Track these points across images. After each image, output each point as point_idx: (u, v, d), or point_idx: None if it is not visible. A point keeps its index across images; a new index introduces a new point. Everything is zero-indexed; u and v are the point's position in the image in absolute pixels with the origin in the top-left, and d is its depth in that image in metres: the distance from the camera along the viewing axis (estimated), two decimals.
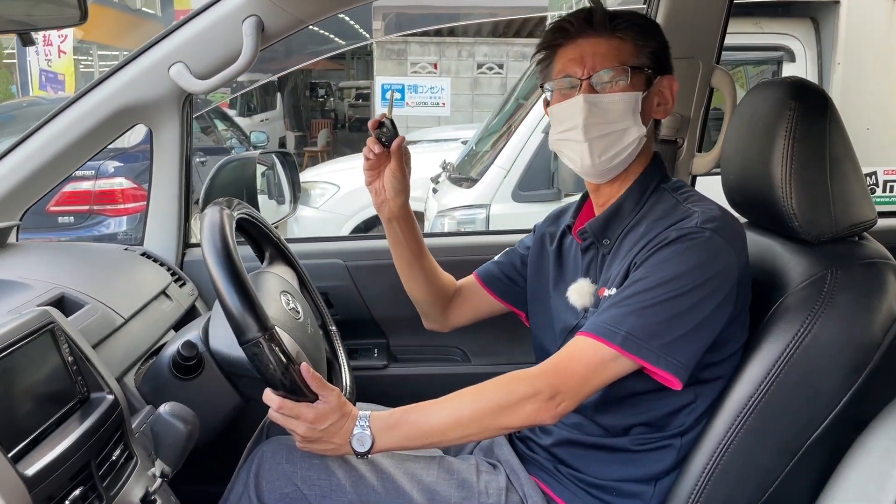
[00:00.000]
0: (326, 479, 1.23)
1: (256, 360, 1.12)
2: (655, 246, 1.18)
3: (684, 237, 1.16)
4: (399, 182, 1.43)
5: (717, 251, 1.16)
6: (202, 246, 1.15)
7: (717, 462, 1.19)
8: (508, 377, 1.19)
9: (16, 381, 0.95)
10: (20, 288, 1.23)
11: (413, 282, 1.55)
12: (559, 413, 1.16)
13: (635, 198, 1.29)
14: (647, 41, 1.27)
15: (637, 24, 1.27)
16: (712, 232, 1.16)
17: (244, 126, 9.56)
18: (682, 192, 1.28)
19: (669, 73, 1.31)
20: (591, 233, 1.32)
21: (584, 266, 1.34)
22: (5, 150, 1.58)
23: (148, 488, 1.08)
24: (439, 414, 1.18)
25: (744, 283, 1.21)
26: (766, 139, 1.23)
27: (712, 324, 1.16)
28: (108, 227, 5.10)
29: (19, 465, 0.87)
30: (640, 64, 1.26)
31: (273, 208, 2.37)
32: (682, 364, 1.14)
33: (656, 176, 1.31)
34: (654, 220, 1.23)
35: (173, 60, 1.57)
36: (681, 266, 1.14)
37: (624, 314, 1.15)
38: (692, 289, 1.14)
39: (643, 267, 1.18)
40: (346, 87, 19.81)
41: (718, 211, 1.21)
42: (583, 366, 1.15)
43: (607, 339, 1.14)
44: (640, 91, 1.25)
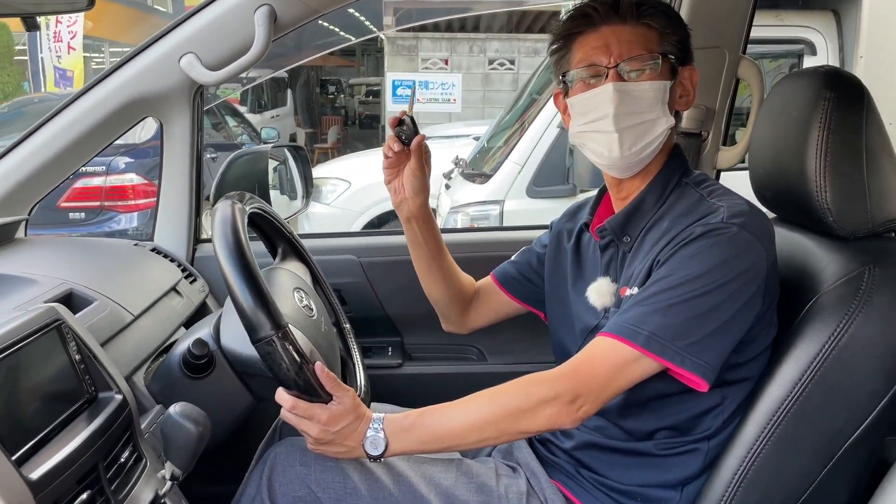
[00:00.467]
0: (341, 482, 1.19)
1: (269, 358, 1.09)
2: (680, 242, 1.13)
3: (710, 233, 1.11)
4: (419, 181, 1.39)
5: (745, 247, 1.11)
6: (214, 241, 1.12)
7: (748, 467, 1.14)
8: (527, 380, 1.15)
9: (21, 381, 0.92)
10: (26, 283, 1.20)
11: (432, 283, 1.52)
12: (580, 417, 1.12)
13: (657, 193, 1.24)
14: (674, 29, 1.22)
15: (663, 11, 1.23)
16: (739, 227, 1.11)
17: (255, 122, 9.58)
18: (706, 186, 1.23)
19: (691, 64, 1.26)
20: (610, 230, 1.27)
21: (604, 264, 1.30)
22: (13, 144, 1.55)
23: (157, 491, 1.05)
24: (456, 417, 1.15)
25: (772, 280, 1.16)
26: (799, 131, 1.19)
27: (739, 323, 1.11)
28: (119, 223, 5.10)
29: (24, 468, 0.84)
30: (667, 52, 1.21)
31: (285, 203, 2.33)
32: (708, 364, 1.09)
33: (678, 170, 1.26)
34: (677, 216, 1.18)
35: (184, 51, 1.53)
36: (707, 263, 1.10)
37: (647, 313, 1.10)
38: (719, 286, 1.09)
39: (667, 264, 1.13)
40: (356, 83, 19.83)
41: (746, 205, 1.16)
42: (604, 367, 1.11)
43: (629, 340, 1.10)
44: (668, 80, 1.20)
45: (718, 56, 1.75)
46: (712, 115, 1.78)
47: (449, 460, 1.28)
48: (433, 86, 11.14)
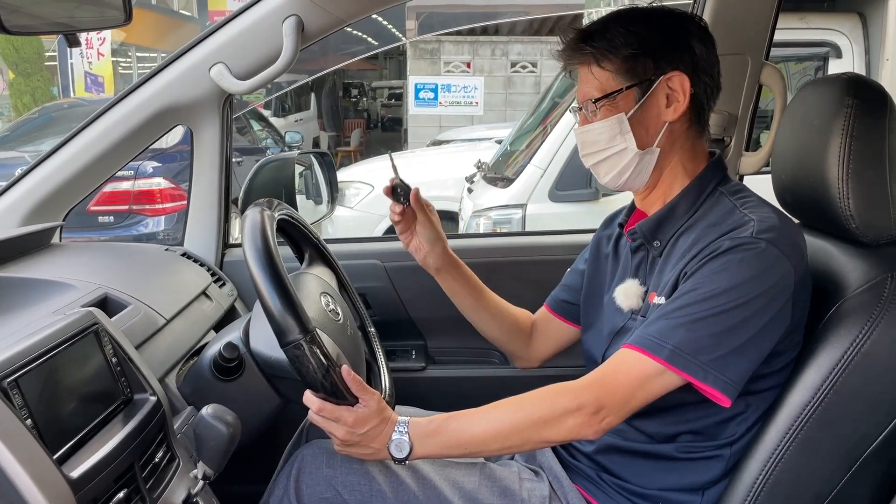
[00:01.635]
0: (367, 485, 1.21)
1: (297, 362, 1.12)
2: (708, 256, 1.12)
3: (738, 247, 1.10)
4: (431, 231, 1.46)
5: (773, 263, 1.10)
6: (243, 247, 1.15)
7: (769, 472, 1.15)
8: (551, 389, 1.16)
9: (61, 382, 0.95)
10: (64, 288, 1.24)
11: (483, 323, 1.55)
12: (603, 428, 1.12)
13: (690, 200, 1.23)
14: (629, 48, 1.18)
15: (613, 35, 1.19)
16: (768, 243, 1.10)
17: (279, 126, 9.65)
18: (741, 196, 1.20)
19: (675, 69, 1.19)
20: (641, 234, 1.27)
21: (634, 267, 1.30)
22: (49, 151, 1.60)
23: (190, 490, 1.08)
24: (479, 424, 1.16)
25: (801, 294, 1.15)
26: (822, 137, 1.19)
27: (766, 339, 1.11)
28: (147, 226, 5.17)
29: (64, 466, 0.87)
30: (619, 85, 1.19)
31: (311, 208, 2.37)
32: (731, 381, 1.09)
33: (715, 178, 1.24)
34: (707, 226, 1.17)
35: (214, 61, 1.57)
36: (734, 278, 1.09)
37: (672, 327, 1.10)
38: (745, 302, 1.08)
39: (694, 277, 1.12)
40: (378, 87, 19.92)
41: (777, 219, 1.14)
42: (628, 379, 1.12)
43: (653, 353, 1.10)
44: (626, 110, 1.19)
45: (741, 62, 1.75)
46: (735, 121, 1.78)
47: (472, 464, 1.29)
48: (455, 89, 11.16)
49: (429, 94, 11.08)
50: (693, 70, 1.19)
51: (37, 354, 0.92)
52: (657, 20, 1.21)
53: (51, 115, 7.17)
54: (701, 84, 1.20)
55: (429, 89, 11.13)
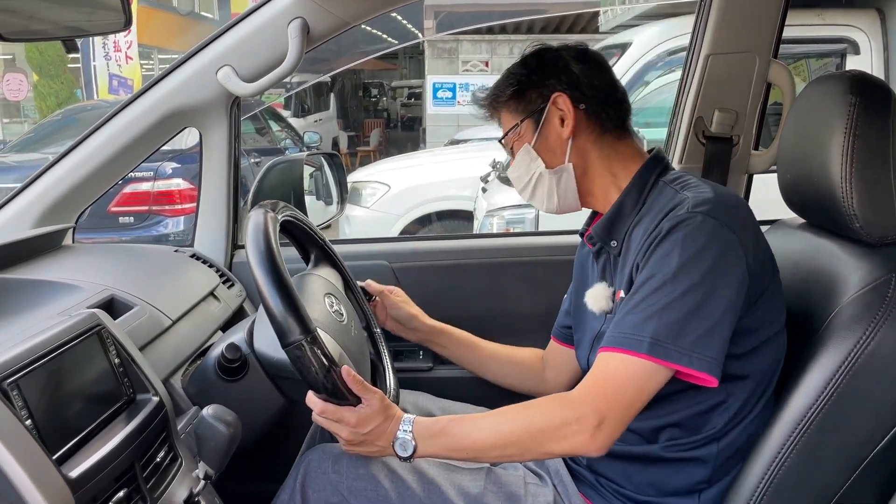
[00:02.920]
0: (373, 490, 1.22)
1: (298, 362, 1.13)
2: (653, 241, 1.16)
3: (677, 226, 1.14)
4: (399, 310, 1.61)
5: (713, 233, 1.12)
6: (246, 249, 1.16)
7: (773, 475, 1.13)
8: (552, 400, 1.17)
9: (62, 383, 0.97)
10: (71, 290, 1.26)
11: (491, 374, 1.62)
12: (605, 444, 1.11)
13: (635, 196, 1.27)
14: (511, 87, 1.32)
15: (498, 84, 1.35)
16: (704, 214, 1.13)
17: (298, 127, 9.70)
18: (680, 181, 1.24)
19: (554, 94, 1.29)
20: (597, 237, 1.31)
21: (600, 271, 1.33)
22: (60, 154, 1.62)
23: (192, 490, 1.08)
24: (480, 431, 1.17)
25: (759, 269, 1.16)
26: (825, 136, 1.18)
27: (731, 308, 1.12)
28: (167, 226, 5.23)
29: (64, 466, 0.88)
30: (515, 121, 1.33)
31: (321, 209, 2.38)
32: (713, 358, 1.10)
33: (655, 171, 1.28)
34: (654, 214, 1.20)
35: (221, 64, 1.58)
36: (682, 256, 1.12)
37: (643, 320, 1.12)
38: (701, 277, 1.10)
39: (647, 266, 1.15)
40: (397, 86, 19.96)
41: (712, 193, 1.17)
42: (622, 384, 1.11)
43: (633, 350, 1.11)
44: (529, 140, 1.32)
45: (748, 60, 1.73)
46: (743, 119, 1.77)
47: (478, 468, 1.30)
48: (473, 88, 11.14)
49: (447, 94, 11.09)
50: (575, 87, 1.28)
51: (38, 356, 0.93)
52: (534, 56, 1.33)
53: (74, 117, 7.26)
54: (585, 97, 1.28)
55: (447, 88, 11.14)
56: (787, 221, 1.46)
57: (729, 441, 1.20)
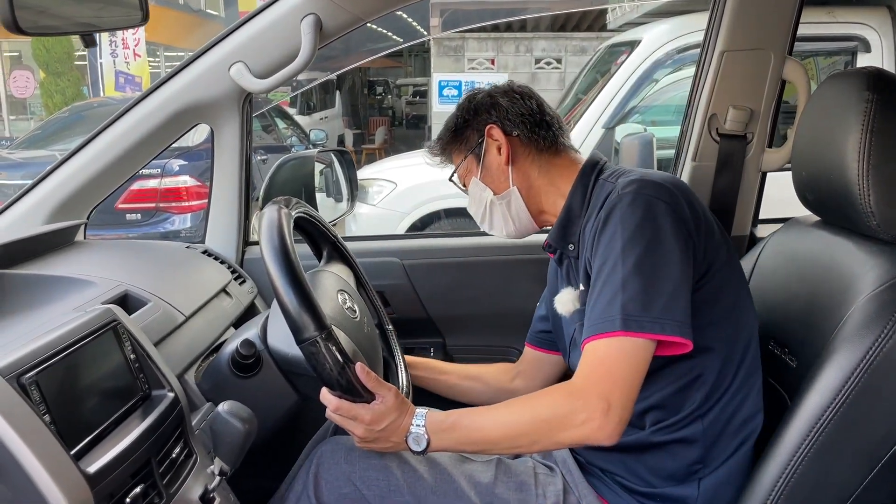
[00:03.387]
0: (385, 480, 1.23)
1: (313, 359, 1.12)
2: (596, 232, 1.22)
3: (612, 210, 1.19)
4: None
5: (646, 207, 1.17)
6: (261, 245, 1.16)
7: (790, 475, 1.13)
8: (554, 389, 1.18)
9: (79, 379, 0.97)
10: (85, 285, 1.26)
11: (459, 395, 1.61)
12: (616, 430, 1.11)
13: (579, 198, 1.33)
14: (448, 132, 1.45)
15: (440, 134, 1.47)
16: (633, 193, 1.19)
17: (304, 124, 9.70)
18: (614, 173, 1.30)
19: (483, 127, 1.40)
20: (555, 244, 1.37)
21: (564, 276, 1.38)
22: (72, 150, 1.62)
23: (207, 486, 1.09)
24: (489, 423, 1.18)
25: (701, 232, 1.20)
26: (841, 133, 1.17)
27: (684, 271, 1.16)
28: (174, 223, 5.24)
29: (81, 462, 0.88)
30: (459, 159, 1.44)
31: (331, 206, 2.38)
32: (682, 321, 1.13)
33: (592, 172, 1.34)
34: (596, 209, 1.26)
35: (233, 60, 1.58)
36: (624, 234, 1.16)
37: (607, 302, 1.15)
38: (647, 246, 1.15)
39: (597, 256, 1.20)
40: (403, 84, 19.96)
41: (638, 174, 1.24)
42: (613, 364, 1.13)
43: (609, 330, 1.13)
44: (475, 174, 1.42)
45: (763, 57, 1.72)
46: (757, 116, 1.76)
47: (489, 459, 1.31)
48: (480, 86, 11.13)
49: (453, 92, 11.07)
50: (504, 118, 1.38)
51: (55, 351, 0.93)
52: (466, 100, 1.45)
53: (81, 114, 7.28)
54: (515, 124, 1.38)
55: (453, 87, 11.11)
56: (801, 219, 1.45)
57: (712, 418, 1.22)
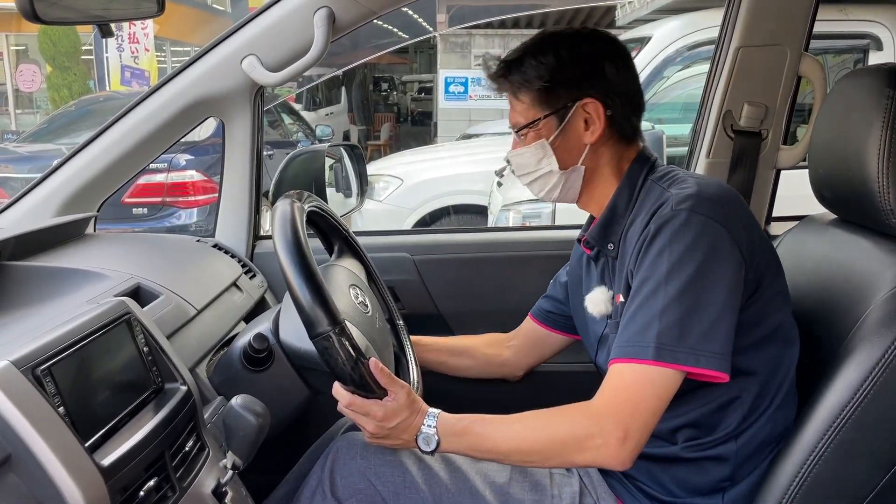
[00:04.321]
0: (400, 476, 1.22)
1: (326, 354, 1.12)
2: (643, 245, 1.16)
3: (664, 225, 1.13)
4: None
5: (700, 228, 1.12)
6: (274, 239, 1.15)
7: (806, 474, 1.12)
8: (575, 411, 1.16)
9: (93, 371, 0.96)
10: (98, 278, 1.25)
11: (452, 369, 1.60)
12: (629, 457, 1.11)
13: (626, 198, 1.26)
14: (541, 80, 1.24)
15: (527, 68, 1.25)
16: (688, 211, 1.12)
17: (310, 120, 9.71)
18: (667, 177, 1.24)
19: (590, 96, 1.24)
20: (593, 241, 1.31)
21: (598, 274, 1.33)
22: (83, 143, 1.61)
23: (219, 480, 1.08)
24: (502, 435, 1.17)
25: (753, 252, 1.15)
26: (861, 130, 1.16)
27: (730, 299, 1.11)
28: (180, 218, 5.24)
29: (95, 454, 0.88)
30: (537, 115, 1.26)
31: (340, 201, 2.38)
32: (719, 354, 1.09)
33: (643, 170, 1.27)
34: (645, 215, 1.20)
35: (245, 53, 1.57)
36: (672, 256, 1.11)
37: (643, 326, 1.11)
38: (694, 273, 1.10)
39: (640, 271, 1.15)
40: (408, 80, 19.94)
41: (695, 187, 1.16)
42: (638, 394, 1.10)
43: (640, 357, 1.10)
44: (547, 136, 1.26)
45: (779, 53, 1.71)
46: (772, 113, 1.74)
47: None
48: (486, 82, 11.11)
49: (459, 88, 11.07)
50: (606, 94, 1.24)
51: (69, 343, 0.93)
52: (569, 48, 1.25)
53: (87, 108, 7.29)
54: (615, 105, 1.25)
55: (459, 83, 11.12)
56: (817, 217, 1.44)
57: (747, 439, 1.19)
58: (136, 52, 11.35)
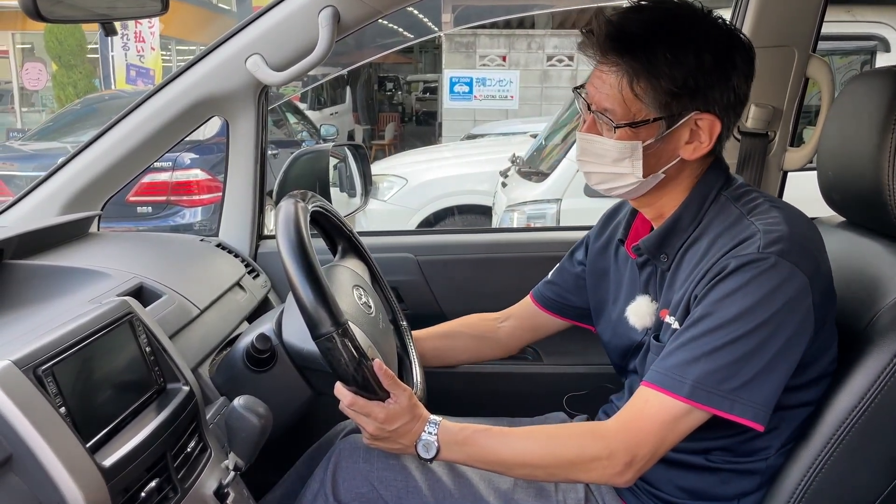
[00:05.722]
0: (403, 481, 1.21)
1: (329, 354, 1.11)
2: (715, 278, 1.06)
3: (745, 266, 1.03)
4: None
5: (785, 278, 1.03)
6: (277, 239, 1.15)
7: (810, 480, 1.11)
8: (584, 431, 1.15)
9: (95, 371, 0.96)
10: (100, 277, 1.25)
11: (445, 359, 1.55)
12: (634, 478, 1.10)
13: (693, 211, 1.16)
14: (673, 83, 1.07)
15: (658, 60, 1.06)
16: (777, 256, 1.03)
17: (314, 119, 9.71)
18: (746, 200, 1.13)
19: (711, 111, 1.09)
20: (645, 250, 1.21)
21: (643, 282, 1.25)
22: (87, 141, 1.61)
23: (221, 481, 1.08)
24: (507, 448, 1.15)
25: (824, 301, 1.09)
26: (871, 133, 1.15)
27: (790, 354, 1.05)
28: (184, 217, 5.25)
29: (97, 455, 0.87)
30: (646, 115, 1.09)
31: (345, 201, 2.37)
32: (759, 405, 1.04)
33: (716, 183, 1.16)
34: (714, 237, 1.11)
35: (250, 52, 1.57)
36: (744, 301, 1.03)
37: (689, 361, 1.05)
38: (759, 325, 1.03)
39: (704, 303, 1.07)
40: (413, 80, 19.91)
41: (785, 226, 1.06)
42: (655, 426, 1.08)
43: (675, 392, 1.06)
44: (644, 139, 1.10)
45: (787, 54, 1.70)
46: (779, 115, 1.73)
47: None
48: (490, 83, 11.10)
49: (464, 88, 11.05)
50: (726, 110, 1.11)
51: (72, 343, 0.92)
52: (713, 49, 1.08)
53: (93, 107, 7.30)
54: (730, 123, 1.13)
55: (464, 83, 11.10)
56: (825, 220, 1.43)
57: (779, 457, 1.16)
58: (141, 51, 11.37)
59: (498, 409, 1.52)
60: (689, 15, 1.10)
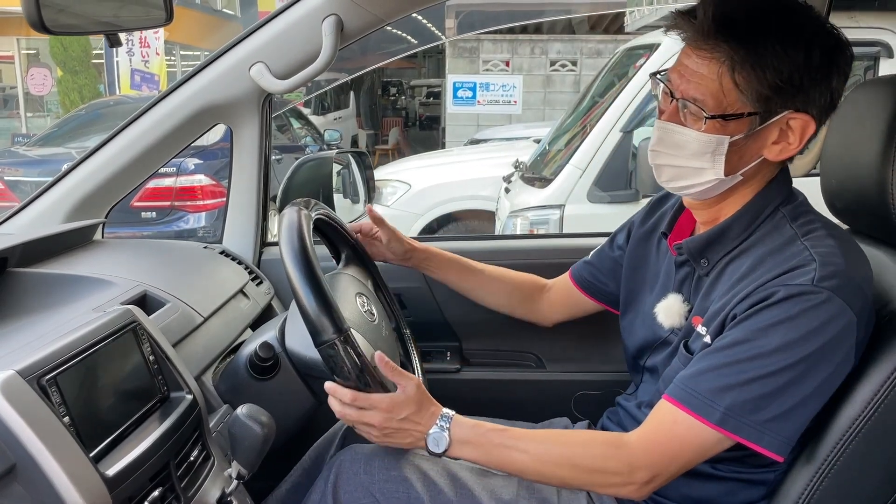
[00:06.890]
0: (404, 492, 1.20)
1: (331, 361, 1.11)
2: (760, 302, 1.02)
3: (795, 297, 0.99)
4: (387, 237, 1.54)
5: (835, 315, 0.99)
6: (280, 246, 1.15)
7: (816, 486, 1.10)
8: (605, 442, 1.13)
9: (98, 380, 0.96)
10: (104, 285, 1.25)
11: (485, 296, 1.60)
12: (649, 494, 1.10)
13: (745, 222, 1.12)
14: (778, 78, 1.01)
15: (767, 53, 1.01)
16: (830, 292, 0.99)
17: (318, 124, 9.73)
18: (803, 222, 1.09)
19: (806, 111, 1.05)
20: (687, 252, 1.19)
21: (678, 281, 1.23)
22: (92, 149, 1.62)
23: (224, 489, 1.08)
24: (522, 451, 1.13)
25: (864, 336, 1.06)
26: (876, 141, 1.15)
27: (824, 392, 1.03)
28: (188, 222, 5.26)
29: (100, 464, 0.88)
30: (740, 108, 1.03)
31: (348, 207, 2.38)
32: (786, 439, 1.03)
33: (778, 197, 1.12)
34: (763, 255, 1.07)
35: (254, 60, 1.57)
36: (788, 334, 0.99)
37: (722, 387, 1.03)
38: (800, 360, 1.00)
39: (744, 326, 1.03)
40: (417, 85, 19.96)
41: (842, 259, 1.02)
42: (682, 447, 1.06)
43: (704, 417, 1.03)
44: (732, 134, 1.05)
45: None
46: None
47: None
48: (494, 88, 11.13)
49: (467, 93, 11.08)
50: (822, 111, 1.07)
51: (75, 352, 0.93)
52: (822, 46, 1.03)
53: (98, 112, 7.34)
54: (821, 125, 1.09)
55: (467, 88, 11.12)
56: None
57: (787, 466, 1.15)
58: (146, 57, 11.43)
59: (500, 416, 1.52)
60: (799, 9, 1.06)
